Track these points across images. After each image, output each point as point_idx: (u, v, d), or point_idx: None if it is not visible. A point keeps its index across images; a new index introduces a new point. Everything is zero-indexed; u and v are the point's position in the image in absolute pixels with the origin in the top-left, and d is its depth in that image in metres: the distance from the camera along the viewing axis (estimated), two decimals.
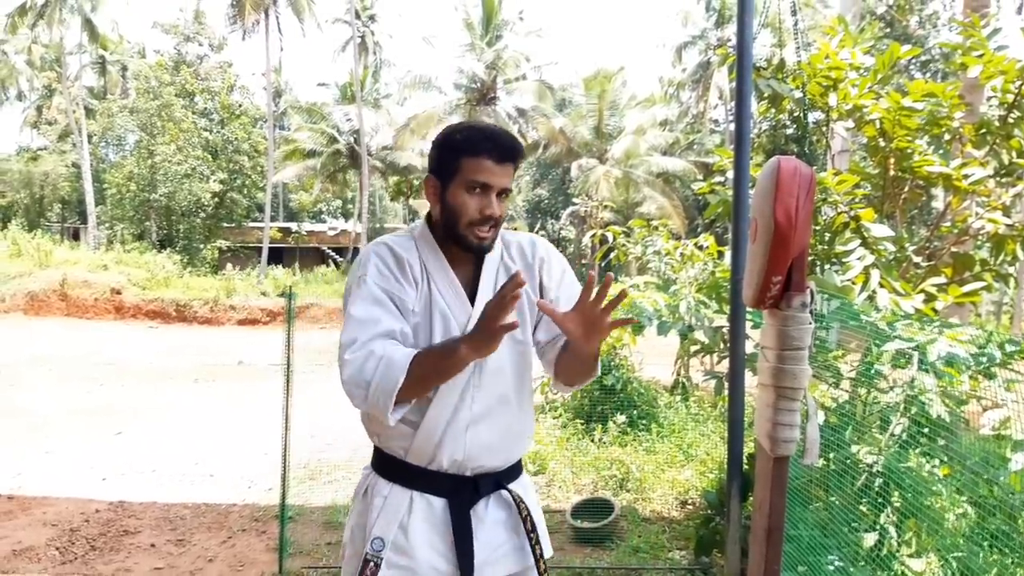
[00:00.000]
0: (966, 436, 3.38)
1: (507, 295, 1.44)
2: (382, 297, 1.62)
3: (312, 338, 11.20)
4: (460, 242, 1.67)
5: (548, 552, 1.80)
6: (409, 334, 1.63)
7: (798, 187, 1.56)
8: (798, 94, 4.18)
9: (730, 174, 4.54)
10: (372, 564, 1.64)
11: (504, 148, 1.64)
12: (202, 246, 29.49)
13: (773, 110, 4.36)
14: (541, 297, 1.77)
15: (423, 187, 1.73)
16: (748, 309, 3.38)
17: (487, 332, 1.48)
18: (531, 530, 1.74)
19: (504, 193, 1.66)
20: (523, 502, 1.75)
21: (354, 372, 1.54)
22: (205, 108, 31.76)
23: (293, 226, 39.09)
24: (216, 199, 30.04)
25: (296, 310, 4.46)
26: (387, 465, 1.72)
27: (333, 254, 36.39)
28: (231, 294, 21.12)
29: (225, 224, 32.23)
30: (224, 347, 14.73)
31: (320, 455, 6.20)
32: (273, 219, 37.21)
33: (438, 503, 1.68)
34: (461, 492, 1.69)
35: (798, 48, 4.20)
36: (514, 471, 1.80)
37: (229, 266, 27.65)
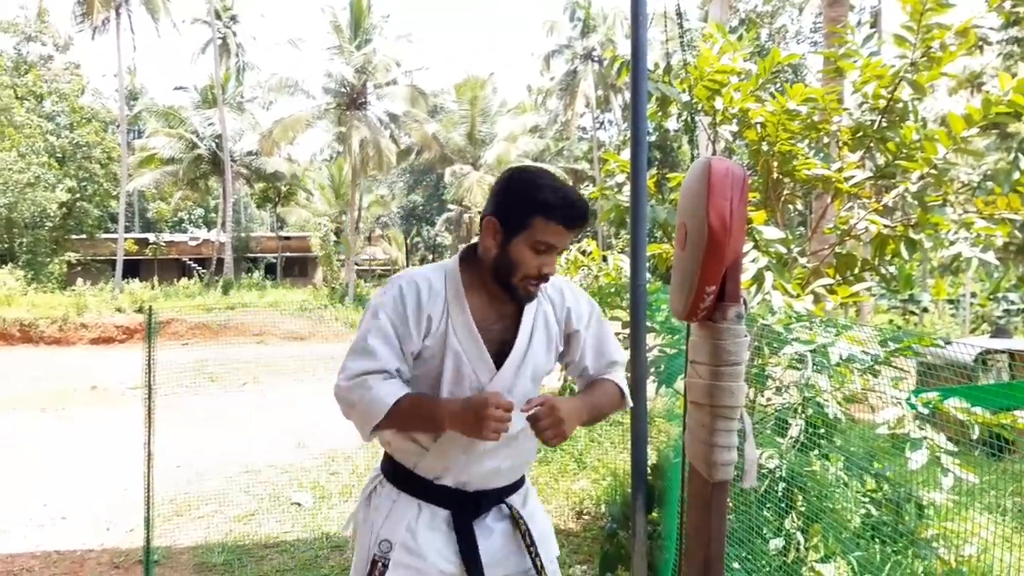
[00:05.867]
0: (856, 433, 3.44)
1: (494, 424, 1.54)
2: (390, 334, 1.67)
3: (175, 356, 10.40)
4: (508, 291, 1.70)
5: (555, 552, 1.90)
6: (406, 371, 1.70)
7: (731, 189, 1.42)
8: (685, 97, 4.17)
9: (619, 178, 4.50)
10: (380, 565, 1.71)
11: (578, 217, 1.65)
12: (48, 260, 27.38)
13: (660, 113, 4.34)
14: (567, 340, 1.86)
15: (484, 224, 1.69)
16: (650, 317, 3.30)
17: (477, 428, 1.55)
18: (530, 544, 1.80)
19: (562, 251, 1.70)
20: (521, 518, 1.81)
21: (344, 391, 1.65)
22: (51, 112, 29.48)
23: (151, 237, 36.96)
24: (64, 209, 27.98)
25: (156, 326, 4.04)
26: (397, 472, 1.80)
27: (195, 266, 34.71)
28: (82, 311, 19.72)
29: (75, 236, 30.03)
30: (76, 369, 13.59)
31: (188, 487, 5.70)
32: (128, 230, 35.14)
33: (442, 513, 1.76)
34: (464, 506, 1.77)
35: (684, 51, 4.19)
36: (516, 485, 1.87)
37: (80, 281, 25.64)
